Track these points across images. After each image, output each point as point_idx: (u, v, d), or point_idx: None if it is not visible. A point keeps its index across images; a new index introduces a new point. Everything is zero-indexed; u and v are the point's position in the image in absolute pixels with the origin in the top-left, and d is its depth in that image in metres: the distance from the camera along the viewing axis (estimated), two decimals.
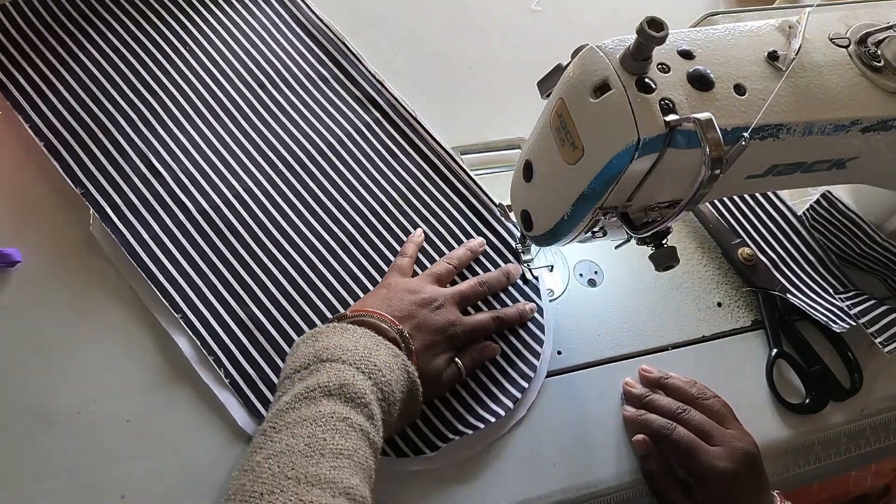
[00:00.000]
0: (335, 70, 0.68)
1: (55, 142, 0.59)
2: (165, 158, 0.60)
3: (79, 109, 0.61)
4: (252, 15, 0.69)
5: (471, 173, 0.65)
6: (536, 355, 0.57)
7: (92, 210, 0.57)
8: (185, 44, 0.66)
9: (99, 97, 0.62)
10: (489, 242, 0.62)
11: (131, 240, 0.56)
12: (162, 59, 0.65)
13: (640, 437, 0.55)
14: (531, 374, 0.56)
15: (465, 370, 0.54)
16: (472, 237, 0.62)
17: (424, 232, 0.61)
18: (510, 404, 0.54)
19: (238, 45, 0.67)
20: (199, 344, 0.53)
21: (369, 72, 0.68)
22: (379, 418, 0.44)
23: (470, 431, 0.53)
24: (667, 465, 0.54)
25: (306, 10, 0.71)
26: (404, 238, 0.61)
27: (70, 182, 0.57)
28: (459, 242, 0.62)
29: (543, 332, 0.58)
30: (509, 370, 0.56)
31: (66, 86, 0.61)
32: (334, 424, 0.41)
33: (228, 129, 0.63)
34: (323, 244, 0.59)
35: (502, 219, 0.63)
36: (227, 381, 0.52)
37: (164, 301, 0.54)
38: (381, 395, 0.45)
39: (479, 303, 0.59)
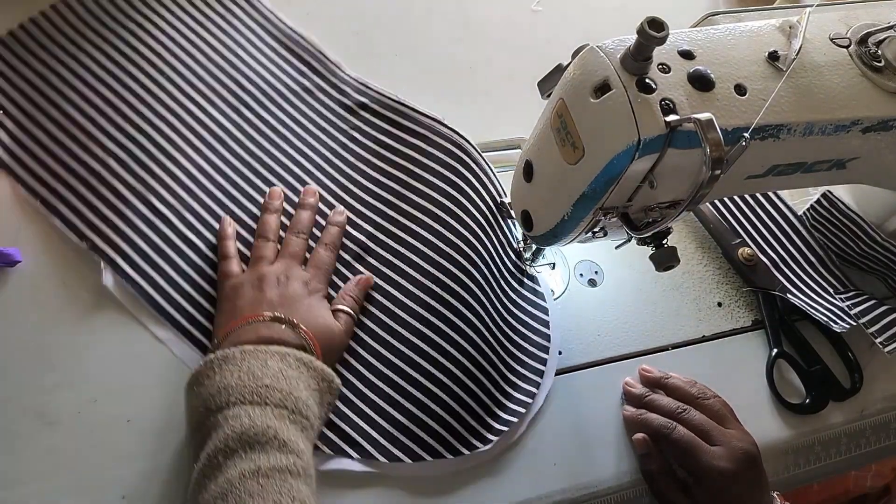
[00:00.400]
0: (317, 80, 0.66)
1: (51, 198, 0.56)
2: (165, 197, 0.57)
3: (66, 158, 0.57)
4: (228, 35, 0.66)
5: (472, 140, 0.64)
6: (545, 350, 0.58)
7: (102, 263, 0.54)
8: (162, 73, 0.62)
9: (85, 142, 0.58)
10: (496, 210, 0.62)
11: (149, 289, 0.54)
12: (143, 92, 0.61)
13: (639, 436, 0.55)
14: (542, 367, 0.57)
15: (354, 311, 0.54)
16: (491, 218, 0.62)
17: (434, 214, 0.59)
18: (528, 400, 0.55)
19: (217, 67, 0.64)
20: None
21: (350, 77, 0.67)
22: (296, 433, 0.43)
23: (495, 438, 0.53)
24: (666, 465, 0.54)
25: (280, 24, 0.69)
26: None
27: (74, 237, 0.55)
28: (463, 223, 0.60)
29: (549, 328, 0.59)
30: (520, 369, 0.57)
31: (49, 135, 0.58)
32: (246, 487, 0.39)
33: (222, 155, 0.61)
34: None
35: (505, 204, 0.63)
36: None
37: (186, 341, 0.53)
38: (287, 411, 0.44)
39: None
